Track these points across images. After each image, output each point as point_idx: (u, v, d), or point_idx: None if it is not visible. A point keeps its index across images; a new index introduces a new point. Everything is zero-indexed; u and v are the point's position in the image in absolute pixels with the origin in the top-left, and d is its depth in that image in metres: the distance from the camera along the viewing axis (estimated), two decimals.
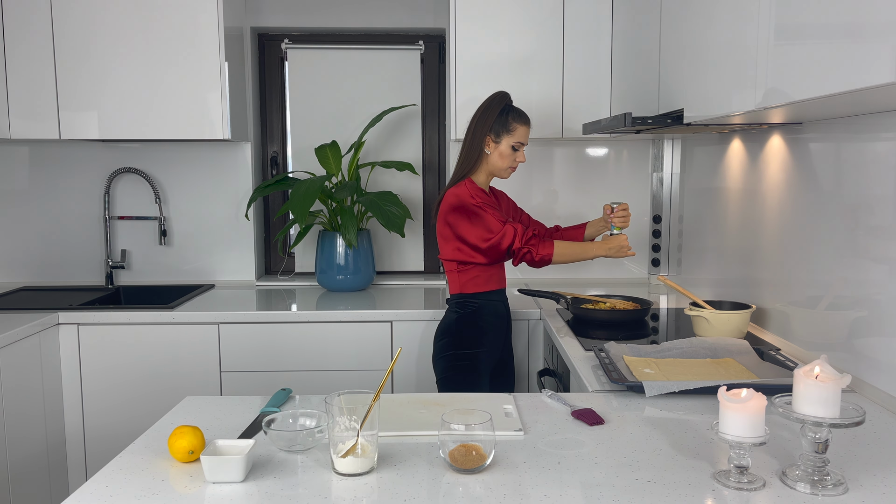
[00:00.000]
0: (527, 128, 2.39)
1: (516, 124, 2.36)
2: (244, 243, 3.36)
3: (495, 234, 2.30)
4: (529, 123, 2.40)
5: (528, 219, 2.65)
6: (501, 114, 2.36)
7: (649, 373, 1.80)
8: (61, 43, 2.90)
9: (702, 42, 1.94)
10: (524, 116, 2.39)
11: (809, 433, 1.21)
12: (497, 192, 2.58)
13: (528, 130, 2.40)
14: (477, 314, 2.39)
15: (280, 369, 2.76)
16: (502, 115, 2.36)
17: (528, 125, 2.39)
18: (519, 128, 2.37)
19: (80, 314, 2.72)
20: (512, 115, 2.37)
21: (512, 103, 2.41)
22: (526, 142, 2.39)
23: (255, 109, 3.42)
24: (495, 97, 2.39)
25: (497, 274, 2.43)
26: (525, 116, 2.40)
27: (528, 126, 2.40)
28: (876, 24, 1.16)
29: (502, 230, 2.29)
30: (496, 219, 2.32)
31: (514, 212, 2.60)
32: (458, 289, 2.40)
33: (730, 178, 2.51)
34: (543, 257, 2.31)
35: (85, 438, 2.77)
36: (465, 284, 2.39)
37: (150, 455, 1.38)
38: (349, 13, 3.36)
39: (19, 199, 3.30)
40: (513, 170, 2.42)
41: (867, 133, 1.72)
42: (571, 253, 2.34)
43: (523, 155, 2.41)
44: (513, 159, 2.39)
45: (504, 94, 2.41)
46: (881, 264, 1.65)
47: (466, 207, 2.32)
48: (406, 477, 1.28)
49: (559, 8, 2.90)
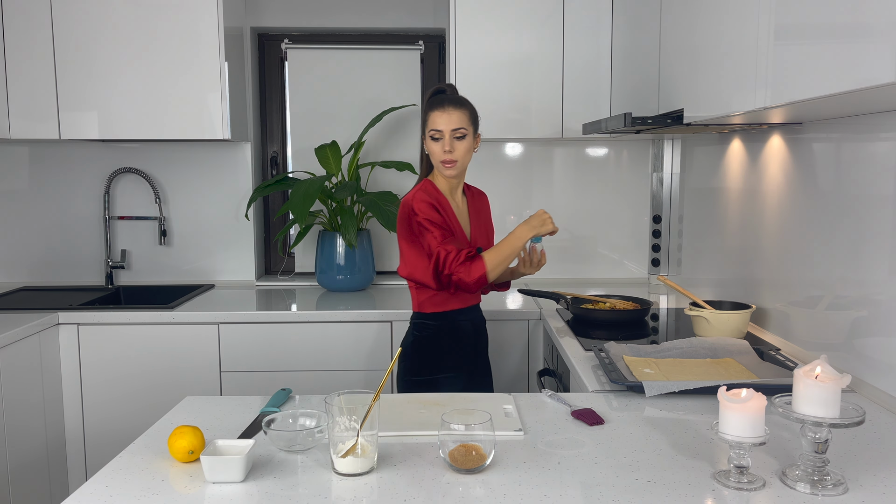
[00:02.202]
0: (442, 112, 2.07)
1: (429, 112, 2.10)
2: (244, 243, 3.36)
3: (431, 259, 2.06)
4: (448, 106, 2.08)
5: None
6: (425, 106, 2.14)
7: (649, 373, 1.80)
8: (61, 43, 2.90)
9: (702, 42, 1.94)
10: (441, 101, 2.10)
11: (809, 433, 1.21)
12: (475, 192, 2.32)
13: (448, 115, 2.07)
14: (434, 337, 2.17)
15: (280, 369, 2.76)
16: (424, 109, 2.14)
17: (444, 108, 2.07)
18: (431, 114, 2.09)
19: (80, 314, 2.72)
20: (427, 105, 2.12)
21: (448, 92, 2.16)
22: (444, 128, 2.07)
23: (255, 109, 3.42)
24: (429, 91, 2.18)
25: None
26: (443, 100, 2.10)
27: (443, 109, 2.07)
28: (876, 24, 1.16)
29: (435, 254, 2.04)
30: (434, 239, 2.05)
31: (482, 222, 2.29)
32: (416, 307, 2.19)
33: (730, 178, 2.51)
34: (479, 278, 2.02)
35: (85, 438, 2.76)
36: (422, 303, 2.17)
37: (150, 455, 1.38)
38: (349, 13, 3.36)
39: (19, 199, 3.30)
40: (448, 165, 2.09)
41: (867, 133, 1.72)
42: (500, 255, 2.06)
43: (449, 144, 2.07)
44: (439, 151, 2.08)
45: (438, 86, 2.18)
46: (881, 264, 1.65)
47: (410, 223, 2.10)
48: (406, 477, 1.28)
49: (559, 8, 2.90)
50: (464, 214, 2.23)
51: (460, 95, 2.16)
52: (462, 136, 2.09)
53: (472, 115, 2.13)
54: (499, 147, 3.31)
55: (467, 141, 2.10)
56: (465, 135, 2.09)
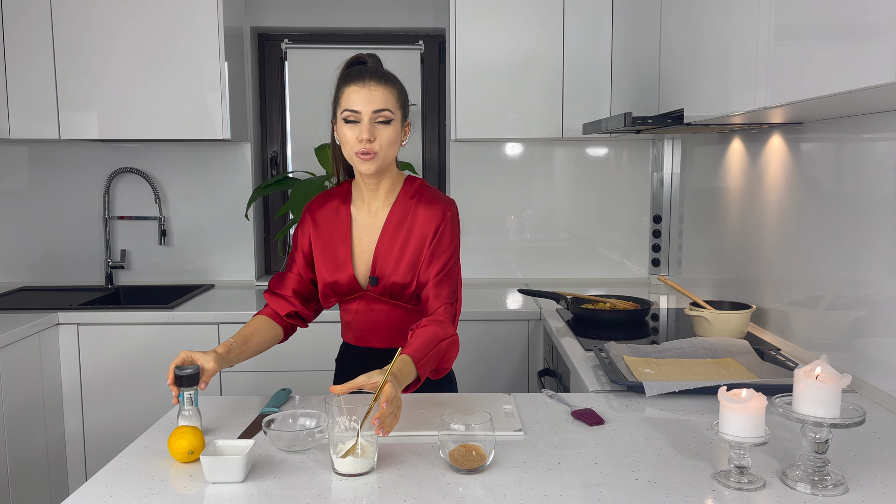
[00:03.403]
0: (360, 86, 1.55)
1: (343, 87, 1.58)
2: (244, 243, 3.36)
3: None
4: (370, 80, 1.56)
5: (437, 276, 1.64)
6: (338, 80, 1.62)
7: (649, 373, 1.80)
8: (61, 43, 2.90)
9: (702, 42, 1.94)
10: (360, 73, 1.57)
11: (809, 433, 1.21)
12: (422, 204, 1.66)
13: (369, 91, 1.55)
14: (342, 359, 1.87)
15: (280, 369, 2.76)
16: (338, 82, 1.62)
17: (364, 82, 1.55)
18: (345, 90, 1.57)
19: (80, 314, 2.72)
20: (341, 78, 1.60)
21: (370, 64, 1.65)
22: (362, 108, 1.55)
23: (255, 109, 3.42)
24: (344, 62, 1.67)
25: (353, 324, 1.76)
26: (363, 73, 1.57)
27: (363, 83, 1.55)
28: (876, 24, 1.16)
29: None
30: (288, 257, 1.77)
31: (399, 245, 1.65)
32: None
33: (730, 178, 2.51)
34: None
35: (85, 438, 2.76)
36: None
37: (150, 455, 1.38)
38: (349, 13, 3.36)
39: (19, 199, 3.30)
40: (364, 157, 1.56)
41: (867, 133, 1.72)
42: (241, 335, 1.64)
43: (366, 129, 1.54)
44: (353, 139, 1.56)
45: (356, 56, 1.66)
46: (881, 264, 1.65)
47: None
48: (406, 477, 1.28)
49: (559, 8, 2.90)
50: (373, 229, 1.69)
51: (386, 70, 1.64)
52: (387, 121, 1.57)
53: (400, 94, 1.62)
54: (499, 147, 3.31)
55: (393, 128, 1.58)
56: (391, 119, 1.57)
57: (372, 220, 1.70)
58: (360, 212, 1.71)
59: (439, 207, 1.67)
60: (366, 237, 1.70)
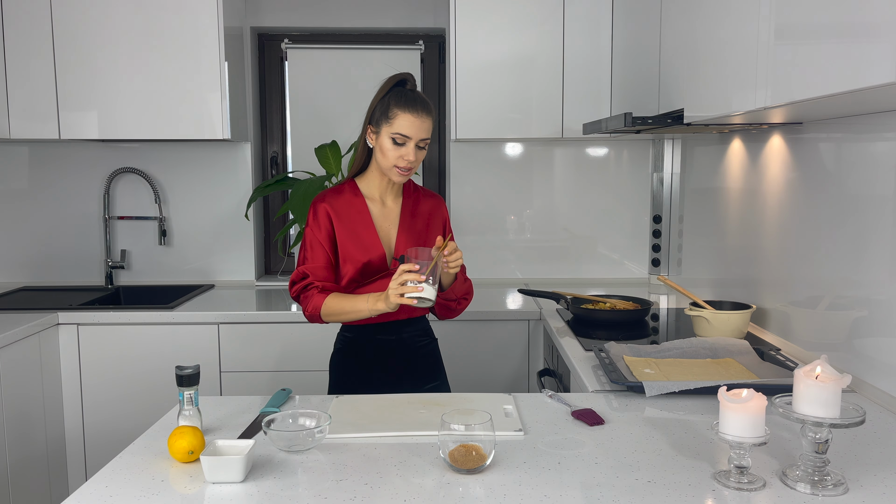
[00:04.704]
0: (415, 116, 1.79)
1: (397, 110, 1.79)
2: (244, 243, 3.36)
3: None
4: (423, 112, 1.80)
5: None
6: (385, 98, 1.83)
7: (649, 373, 1.80)
8: (61, 43, 2.90)
9: (702, 42, 1.94)
10: (414, 102, 1.80)
11: (810, 433, 1.21)
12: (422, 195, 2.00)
13: (421, 122, 1.80)
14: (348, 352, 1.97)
15: (280, 369, 2.76)
16: (384, 99, 1.83)
17: (417, 113, 1.79)
18: (400, 115, 1.79)
19: (80, 314, 2.72)
20: (394, 99, 1.81)
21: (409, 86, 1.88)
22: (414, 135, 1.80)
23: (255, 109, 3.42)
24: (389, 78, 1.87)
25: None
26: (416, 102, 1.80)
27: (417, 114, 1.79)
28: (876, 24, 1.16)
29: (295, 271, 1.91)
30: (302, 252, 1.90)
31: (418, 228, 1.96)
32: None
33: (730, 178, 2.51)
34: (311, 313, 1.86)
35: (85, 438, 2.76)
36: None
37: (150, 455, 1.38)
38: (349, 13, 3.36)
39: (19, 199, 3.30)
40: (403, 172, 1.83)
41: (867, 133, 1.72)
42: (339, 308, 1.82)
43: (412, 152, 1.81)
44: (397, 156, 1.81)
45: (400, 75, 1.87)
46: (881, 264, 1.65)
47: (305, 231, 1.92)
48: (406, 477, 1.28)
49: (559, 7, 2.90)
50: (390, 217, 1.95)
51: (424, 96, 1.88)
52: (425, 147, 1.85)
53: (435, 121, 1.89)
54: (499, 147, 3.30)
55: (426, 150, 1.87)
56: (427, 145, 1.85)
57: (387, 210, 1.95)
58: (375, 204, 1.94)
59: (437, 198, 2.03)
60: (385, 224, 1.94)
